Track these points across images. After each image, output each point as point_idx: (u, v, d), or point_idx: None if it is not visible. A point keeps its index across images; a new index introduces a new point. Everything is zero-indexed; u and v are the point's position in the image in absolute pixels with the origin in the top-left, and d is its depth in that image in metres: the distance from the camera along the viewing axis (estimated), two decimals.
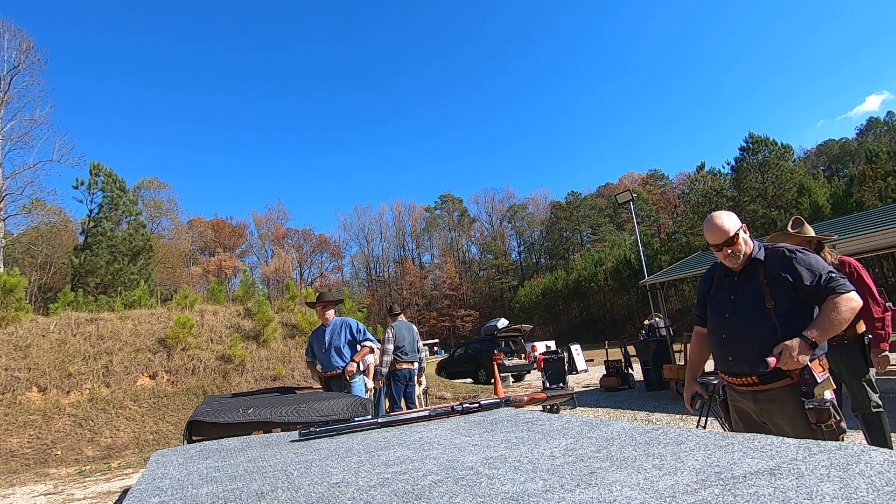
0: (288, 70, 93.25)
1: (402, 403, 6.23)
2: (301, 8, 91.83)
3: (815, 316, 1.91)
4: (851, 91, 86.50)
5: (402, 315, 6.47)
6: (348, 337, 4.57)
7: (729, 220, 2.06)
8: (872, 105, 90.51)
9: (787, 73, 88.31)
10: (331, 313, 4.75)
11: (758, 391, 1.98)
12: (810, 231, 3.24)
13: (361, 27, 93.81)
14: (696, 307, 2.34)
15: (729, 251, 2.04)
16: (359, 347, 4.58)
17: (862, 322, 3.11)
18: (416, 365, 6.24)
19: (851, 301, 1.83)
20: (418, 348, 6.36)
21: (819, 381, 1.83)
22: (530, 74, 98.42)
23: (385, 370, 6.00)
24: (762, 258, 2.03)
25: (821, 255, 3.09)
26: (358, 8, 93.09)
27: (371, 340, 4.68)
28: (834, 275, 1.89)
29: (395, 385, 6.13)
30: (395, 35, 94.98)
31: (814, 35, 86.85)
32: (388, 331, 6.16)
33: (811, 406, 1.83)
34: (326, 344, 4.50)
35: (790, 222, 3.30)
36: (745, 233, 2.06)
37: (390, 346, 6.03)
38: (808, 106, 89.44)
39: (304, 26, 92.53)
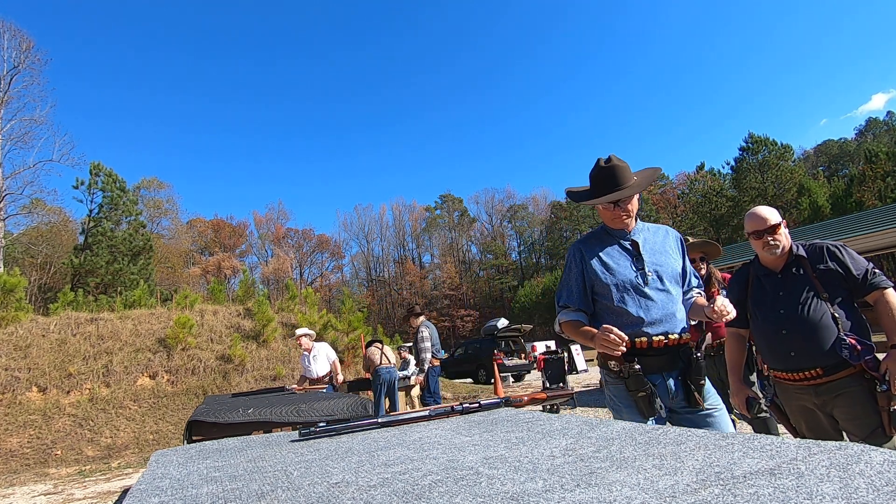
0: (289, 72, 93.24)
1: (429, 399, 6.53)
2: (302, 12, 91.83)
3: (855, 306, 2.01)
4: (857, 89, 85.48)
5: (423, 315, 6.76)
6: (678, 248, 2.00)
7: (772, 211, 2.12)
8: (878, 104, 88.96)
9: (789, 71, 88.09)
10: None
11: (820, 384, 1.97)
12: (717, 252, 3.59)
13: (363, 32, 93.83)
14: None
15: (770, 239, 2.06)
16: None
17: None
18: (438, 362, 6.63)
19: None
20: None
21: None
22: (531, 77, 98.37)
23: (427, 367, 6.36)
24: (804, 254, 2.07)
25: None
26: (359, 13, 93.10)
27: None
28: (877, 270, 1.98)
29: (432, 379, 6.47)
30: (397, 39, 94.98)
31: (817, 32, 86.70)
32: (424, 330, 6.47)
33: (883, 389, 1.86)
34: (647, 262, 1.86)
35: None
36: (784, 228, 2.10)
37: (428, 344, 6.33)
38: (811, 104, 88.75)
39: (305, 30, 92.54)
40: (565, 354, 12.97)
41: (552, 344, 19.75)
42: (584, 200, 1.98)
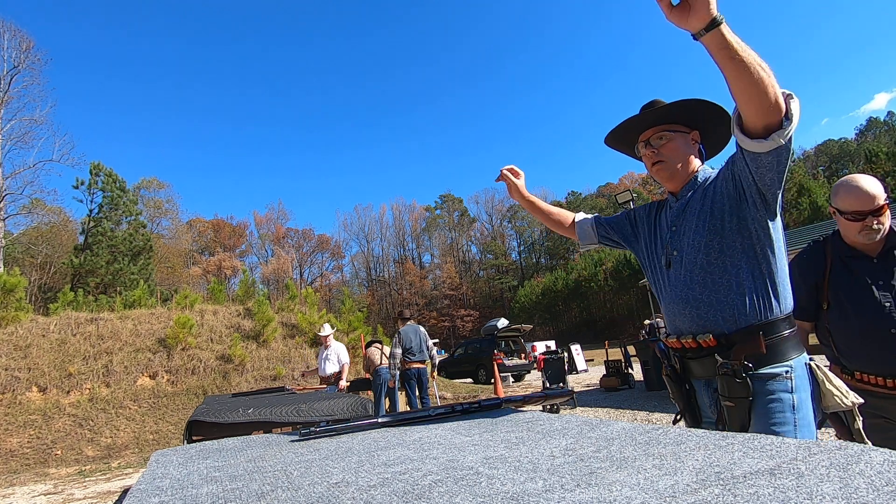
0: (289, 69, 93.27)
1: (418, 401, 6.90)
2: (301, 5, 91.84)
3: None
4: (860, 89, 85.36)
5: (411, 319, 7.19)
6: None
7: (878, 184, 1.69)
8: (881, 103, 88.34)
9: (791, 70, 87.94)
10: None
11: None
12: None
13: (362, 27, 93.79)
14: (802, 297, 1.82)
15: (874, 223, 1.67)
16: None
17: None
18: (425, 364, 6.92)
19: None
20: (427, 347, 6.99)
21: None
22: (530, 74, 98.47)
23: (396, 372, 6.72)
24: None
25: None
26: (358, 6, 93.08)
27: None
28: None
29: (408, 383, 6.84)
30: (396, 35, 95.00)
31: (820, 31, 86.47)
32: (395, 336, 6.89)
33: None
34: (669, 231, 1.46)
35: None
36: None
37: (398, 350, 6.75)
38: (812, 103, 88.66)
39: (304, 25, 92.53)
40: (565, 354, 12.99)
41: (552, 344, 19.78)
42: (609, 143, 1.54)
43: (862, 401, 1.25)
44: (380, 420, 1.19)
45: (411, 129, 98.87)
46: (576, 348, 16.44)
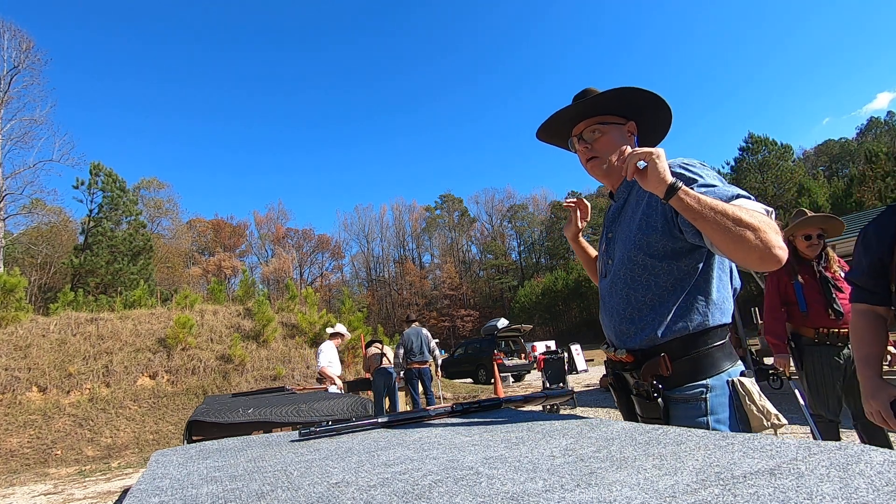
0: (289, 69, 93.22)
1: (422, 399, 7.30)
2: (302, 4, 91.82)
3: None
4: (862, 88, 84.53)
5: (416, 322, 7.71)
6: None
7: None
8: (883, 103, 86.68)
9: (792, 67, 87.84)
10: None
11: None
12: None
13: (362, 26, 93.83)
14: (863, 276, 1.56)
15: None
16: None
17: None
18: (427, 364, 7.36)
19: None
20: (430, 349, 7.45)
21: None
22: (528, 71, 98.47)
23: (400, 371, 7.25)
24: None
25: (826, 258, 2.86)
26: (359, 4, 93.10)
27: None
28: None
29: (410, 382, 7.36)
30: (396, 35, 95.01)
31: (821, 29, 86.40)
32: (400, 338, 7.43)
33: None
34: (607, 237, 1.52)
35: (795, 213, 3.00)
36: None
37: (400, 351, 7.28)
38: (814, 103, 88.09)
39: (304, 25, 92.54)
40: (565, 354, 12.98)
41: (552, 344, 19.78)
42: (542, 137, 1.46)
43: (786, 422, 1.10)
44: (380, 420, 1.19)
45: (411, 128, 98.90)
46: (576, 348, 16.44)
